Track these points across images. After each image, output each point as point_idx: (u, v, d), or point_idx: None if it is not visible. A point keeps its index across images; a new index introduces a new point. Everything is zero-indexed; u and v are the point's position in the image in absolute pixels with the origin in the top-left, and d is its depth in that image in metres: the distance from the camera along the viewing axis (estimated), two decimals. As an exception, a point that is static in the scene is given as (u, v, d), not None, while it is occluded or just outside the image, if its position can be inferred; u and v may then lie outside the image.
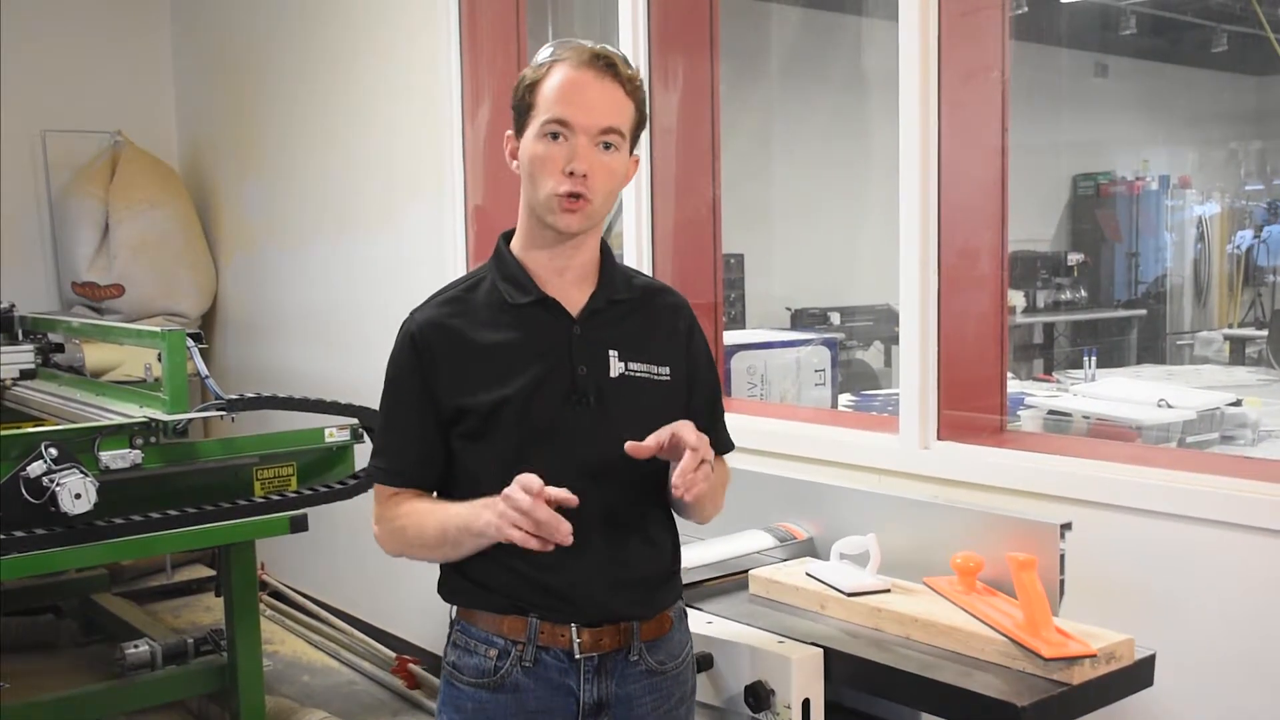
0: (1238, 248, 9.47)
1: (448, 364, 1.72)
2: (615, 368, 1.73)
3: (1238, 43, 9.20)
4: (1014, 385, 4.59)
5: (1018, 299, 8.13)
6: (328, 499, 3.37)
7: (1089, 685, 1.84)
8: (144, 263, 5.31)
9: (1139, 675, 1.93)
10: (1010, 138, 2.69)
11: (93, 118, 5.55)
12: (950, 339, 2.65)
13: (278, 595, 5.12)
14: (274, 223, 5.17)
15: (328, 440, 3.41)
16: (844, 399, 4.25)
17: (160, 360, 3.27)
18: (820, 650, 2.01)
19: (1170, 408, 3.81)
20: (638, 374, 1.75)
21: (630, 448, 1.63)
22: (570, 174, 1.66)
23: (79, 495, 2.81)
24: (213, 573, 5.00)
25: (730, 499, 1.88)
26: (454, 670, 1.77)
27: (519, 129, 1.73)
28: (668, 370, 1.78)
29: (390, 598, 4.47)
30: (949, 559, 2.12)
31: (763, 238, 7.37)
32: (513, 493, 1.57)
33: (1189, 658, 2.16)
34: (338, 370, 4.62)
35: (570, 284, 1.76)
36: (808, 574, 2.28)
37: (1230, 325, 9.01)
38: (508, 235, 1.81)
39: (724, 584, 2.36)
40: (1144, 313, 9.10)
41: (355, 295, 4.61)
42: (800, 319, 6.90)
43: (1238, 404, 3.94)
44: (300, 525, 3.29)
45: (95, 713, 3.58)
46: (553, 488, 1.57)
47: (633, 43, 3.31)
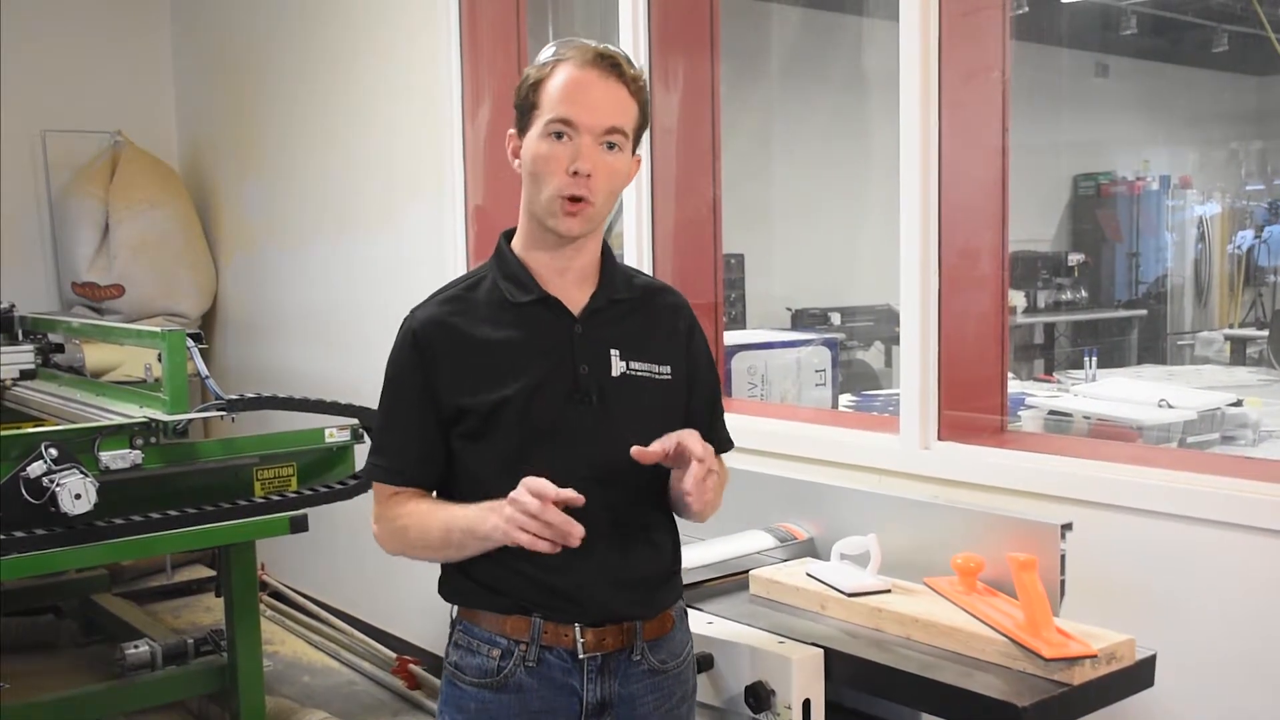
0: (1238, 248, 9.47)
1: (449, 362, 1.71)
2: (617, 367, 1.73)
3: (1238, 43, 9.20)
4: (1014, 385, 4.59)
5: (1018, 299, 8.13)
6: (328, 499, 3.38)
7: (1090, 686, 1.83)
8: (144, 263, 5.31)
9: (1140, 676, 1.93)
10: (1011, 138, 2.69)
11: (93, 118, 5.54)
12: (951, 339, 2.65)
13: (278, 595, 5.12)
14: (274, 223, 5.17)
15: (328, 440, 3.41)
16: (844, 399, 4.25)
17: (160, 360, 3.28)
18: (821, 650, 2.00)
19: (1171, 408, 3.81)
20: (639, 373, 1.75)
21: (636, 453, 1.62)
22: (574, 174, 1.65)
23: (79, 495, 2.81)
24: (213, 573, 5.00)
25: (730, 499, 1.88)
26: (456, 670, 1.76)
27: (522, 128, 1.72)
28: (668, 369, 1.78)
29: (390, 598, 4.47)
30: (949, 559, 2.11)
31: (763, 238, 7.36)
32: (519, 496, 1.56)
33: (1190, 658, 2.16)
34: (338, 370, 4.62)
35: (571, 283, 1.76)
36: (808, 574, 2.28)
37: (1231, 325, 9.00)
38: (509, 234, 1.80)
39: (724, 584, 2.36)
40: (1145, 313, 9.10)
41: (355, 295, 4.61)
42: (801, 319, 6.90)
43: (1238, 404, 3.94)
44: (300, 525, 3.30)
45: (95, 713, 3.58)
46: (560, 489, 1.56)
47: (633, 43, 3.30)
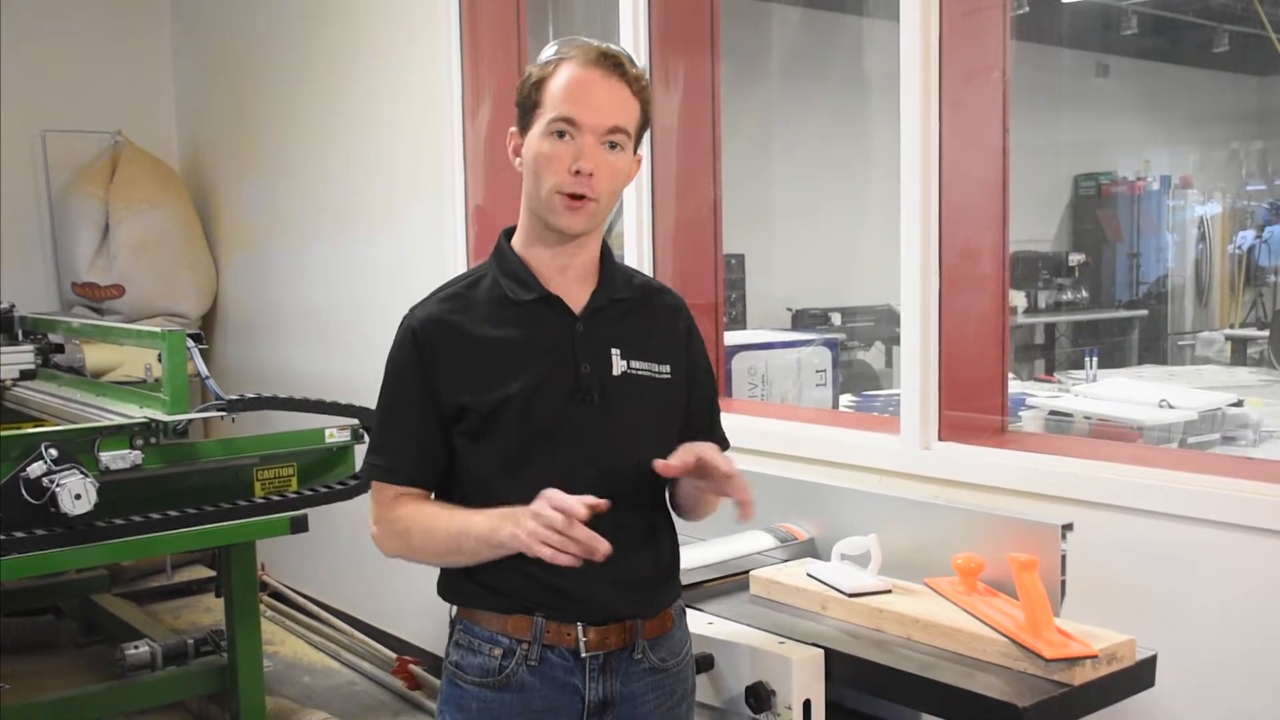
0: (1239, 248, 9.47)
1: (449, 360, 1.71)
2: (618, 366, 1.73)
3: (1239, 43, 9.20)
4: (1015, 386, 4.59)
5: (1019, 299, 8.13)
6: (328, 499, 3.38)
7: (1090, 686, 1.83)
8: (144, 263, 5.31)
9: (1140, 676, 1.93)
10: (1011, 138, 2.69)
11: (93, 118, 5.54)
12: (951, 339, 2.64)
13: (278, 596, 5.12)
14: (274, 223, 5.17)
15: (328, 441, 3.41)
16: (845, 399, 4.25)
17: (160, 361, 3.27)
18: (821, 651, 2.00)
19: (1171, 408, 3.81)
20: (640, 372, 1.74)
21: (659, 466, 1.63)
22: (576, 173, 1.65)
23: (79, 496, 2.81)
24: (213, 573, 4.99)
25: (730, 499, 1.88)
26: (457, 670, 1.76)
27: (523, 126, 1.72)
28: (668, 369, 1.78)
29: (390, 598, 4.47)
30: (950, 560, 2.11)
31: (763, 238, 7.36)
32: (542, 510, 1.55)
33: (1190, 658, 2.16)
34: (338, 370, 4.61)
35: (572, 282, 1.75)
36: (809, 575, 2.27)
37: (1232, 325, 9.01)
38: (509, 232, 1.80)
39: (725, 585, 2.36)
40: (1145, 313, 9.11)
41: (355, 295, 4.60)
42: (801, 319, 6.90)
43: (1239, 404, 3.94)
44: (300, 526, 3.29)
45: (95, 713, 3.58)
46: (588, 498, 1.54)
47: (633, 43, 3.30)
